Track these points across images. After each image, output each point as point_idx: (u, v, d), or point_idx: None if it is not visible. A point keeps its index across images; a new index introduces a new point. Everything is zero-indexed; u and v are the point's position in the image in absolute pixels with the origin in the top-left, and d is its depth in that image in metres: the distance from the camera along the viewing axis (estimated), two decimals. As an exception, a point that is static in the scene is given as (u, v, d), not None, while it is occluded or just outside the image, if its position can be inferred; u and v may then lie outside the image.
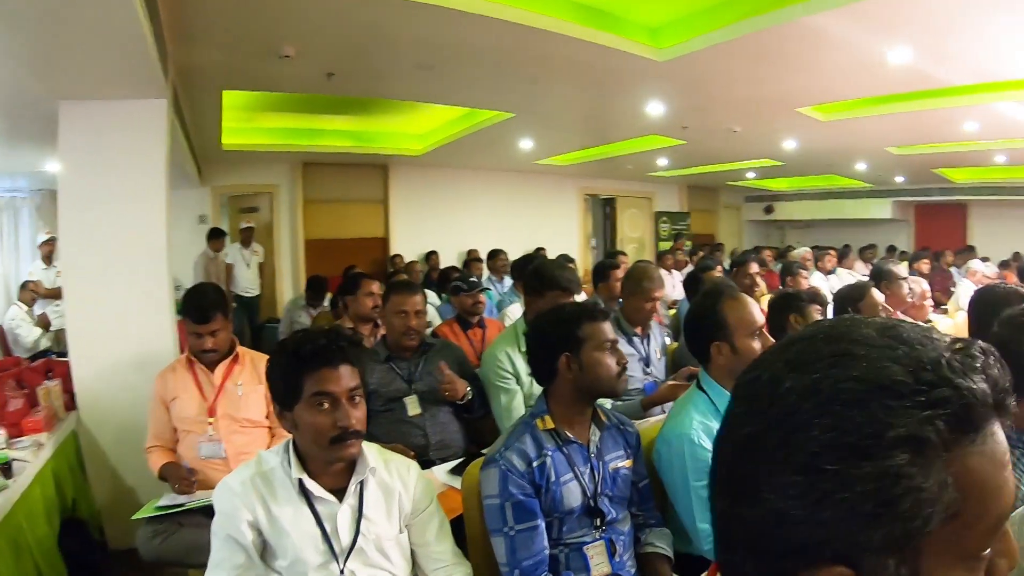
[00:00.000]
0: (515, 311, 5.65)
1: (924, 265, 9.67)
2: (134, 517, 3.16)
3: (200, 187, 10.10)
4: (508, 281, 8.37)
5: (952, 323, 6.63)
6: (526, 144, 10.06)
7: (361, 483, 2.07)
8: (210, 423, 3.46)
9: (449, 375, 3.51)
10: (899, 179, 14.92)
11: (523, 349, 3.36)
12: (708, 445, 2.41)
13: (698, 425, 2.49)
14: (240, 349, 3.65)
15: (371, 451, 2.13)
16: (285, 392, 2.01)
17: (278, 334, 7.75)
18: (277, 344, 2.15)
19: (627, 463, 2.44)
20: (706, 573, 0.88)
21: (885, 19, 4.79)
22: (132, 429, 3.95)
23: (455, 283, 5.23)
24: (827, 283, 8.26)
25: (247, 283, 9.88)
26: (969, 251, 12.51)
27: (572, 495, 2.26)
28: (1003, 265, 10.02)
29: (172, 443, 3.53)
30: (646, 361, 4.04)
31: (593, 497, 2.29)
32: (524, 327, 3.55)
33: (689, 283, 4.98)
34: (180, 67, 5.15)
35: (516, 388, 3.57)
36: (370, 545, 2.05)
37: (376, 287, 4.69)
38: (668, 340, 4.72)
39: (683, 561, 2.47)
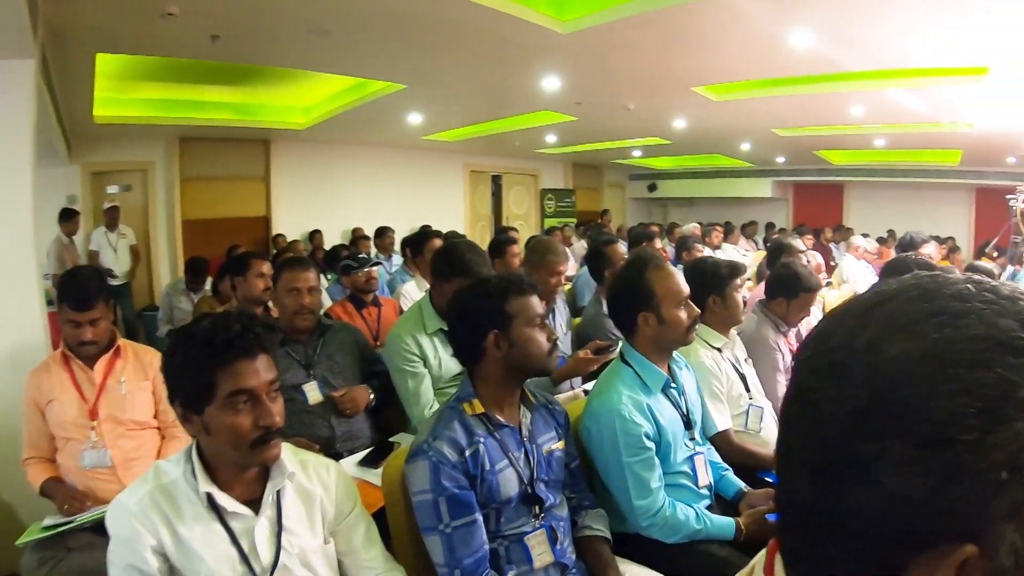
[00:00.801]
0: (411, 290, 5.52)
1: (807, 241, 10.00)
2: (18, 543, 2.79)
3: (69, 165, 9.22)
4: (397, 259, 8.19)
5: (838, 294, 7.06)
6: (415, 118, 9.82)
7: (278, 492, 1.86)
8: (92, 428, 3.07)
9: (346, 394, 3.34)
10: (780, 160, 15.61)
11: (429, 330, 3.37)
12: (639, 419, 2.45)
13: (627, 400, 2.48)
14: (121, 341, 3.27)
15: (286, 452, 1.90)
16: (194, 393, 1.75)
17: (158, 322, 7.26)
18: (177, 334, 1.84)
19: (559, 444, 2.36)
20: (763, 552, 0.80)
21: (791, 1, 4.83)
22: (3, 439, 3.51)
23: (345, 262, 5.08)
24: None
25: (115, 269, 8.84)
26: (847, 230, 13.46)
27: (508, 483, 2.16)
28: (880, 241, 11.08)
29: (51, 452, 3.13)
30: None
31: (530, 483, 2.21)
32: (429, 307, 3.49)
33: (592, 257, 4.85)
34: (51, 26, 4.63)
35: (423, 371, 3.40)
36: (294, 560, 1.84)
37: (267, 267, 4.41)
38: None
39: (618, 540, 2.44)
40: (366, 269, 4.80)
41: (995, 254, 8.80)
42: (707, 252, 8.41)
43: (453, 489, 2.03)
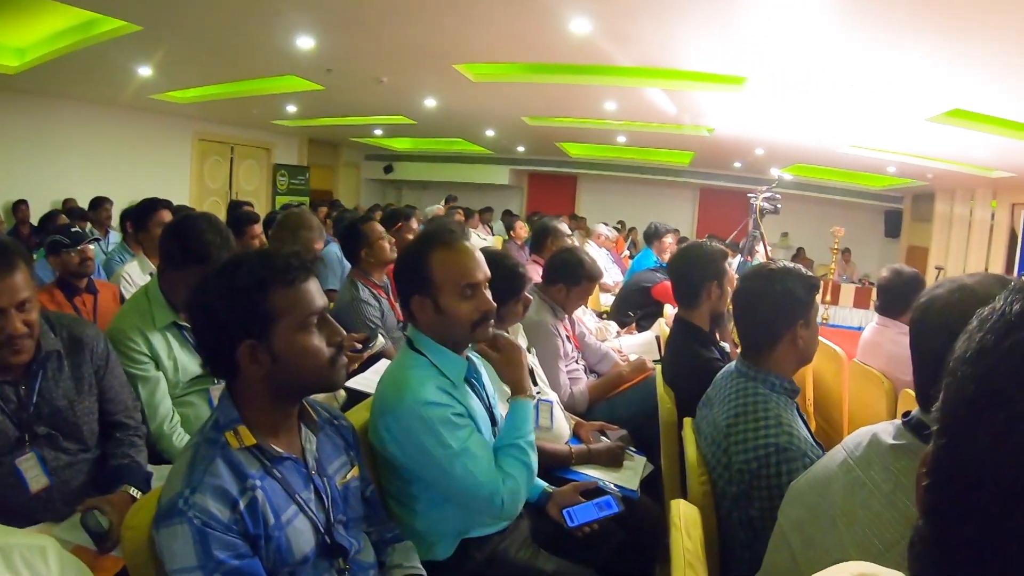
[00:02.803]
0: (133, 271, 4.81)
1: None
2: None
3: None
4: (115, 236, 7.39)
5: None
6: (145, 71, 8.92)
7: None
8: None
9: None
10: (520, 148, 16.24)
11: (159, 324, 2.75)
12: (448, 400, 2.08)
13: (430, 383, 2.09)
14: None
15: None
16: None
17: None
18: None
19: (354, 471, 1.89)
20: None
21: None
22: None
23: (53, 238, 4.15)
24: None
25: None
26: (581, 219, 14.22)
27: (302, 536, 1.65)
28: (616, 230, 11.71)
29: None
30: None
31: (327, 530, 1.71)
32: (158, 295, 2.84)
33: (347, 236, 4.55)
34: None
35: (157, 375, 2.73)
36: None
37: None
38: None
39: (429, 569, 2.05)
40: (80, 247, 4.00)
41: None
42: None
43: (230, 561, 1.49)
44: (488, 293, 2.22)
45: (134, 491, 2.26)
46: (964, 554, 0.56)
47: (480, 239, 10.56)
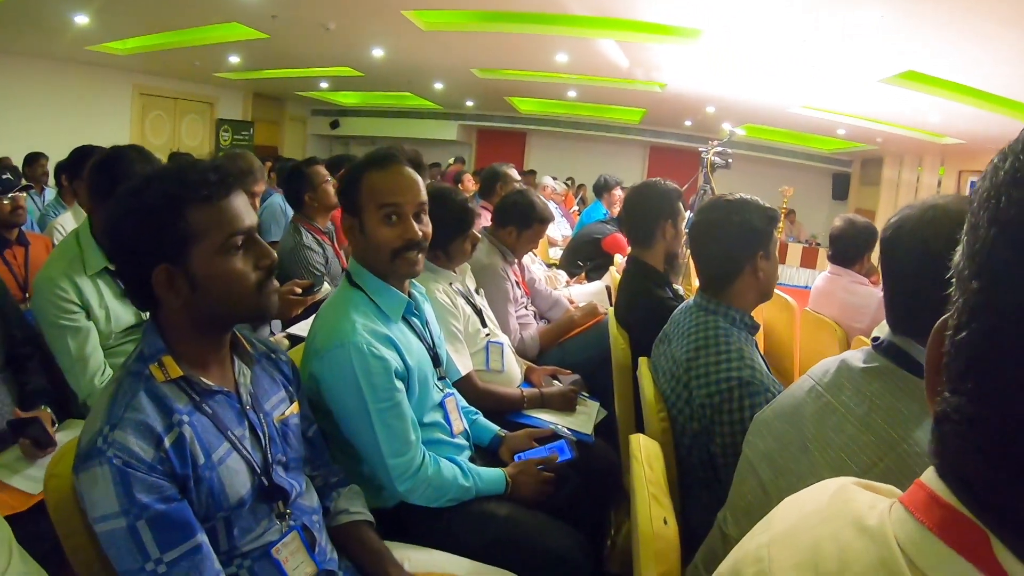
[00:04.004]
0: (66, 222, 4.66)
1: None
2: None
3: None
4: (49, 193, 7.12)
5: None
6: (81, 19, 8.55)
7: None
8: None
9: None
10: (469, 103, 16.11)
11: (90, 270, 2.58)
12: (383, 351, 1.97)
13: (363, 329, 1.97)
14: None
15: None
16: None
17: None
18: None
19: (294, 408, 1.76)
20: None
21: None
22: None
23: None
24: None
25: None
26: (532, 173, 13.96)
27: (236, 477, 1.52)
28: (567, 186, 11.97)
29: None
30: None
31: (264, 471, 1.58)
32: (89, 239, 2.65)
33: (291, 180, 4.40)
34: None
35: (87, 325, 2.58)
36: None
37: None
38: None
39: (378, 519, 1.92)
40: (11, 194, 3.76)
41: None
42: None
43: (156, 505, 1.35)
44: (420, 224, 2.09)
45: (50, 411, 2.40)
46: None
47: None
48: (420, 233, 2.07)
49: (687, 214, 3.45)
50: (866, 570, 0.56)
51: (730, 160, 6.96)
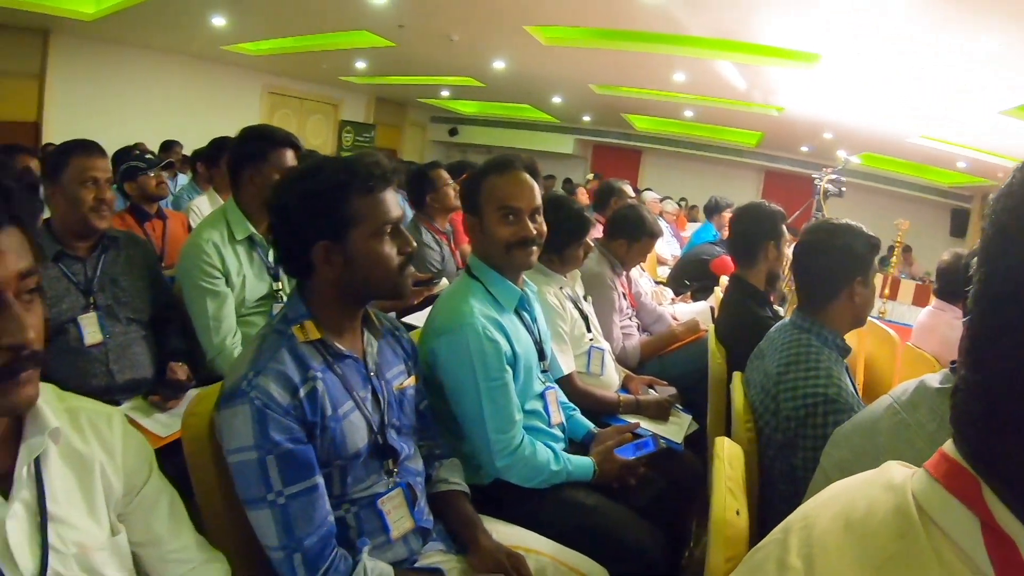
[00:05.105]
0: (202, 204, 5.02)
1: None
2: None
3: None
4: (182, 179, 7.54)
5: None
6: (219, 21, 9.04)
7: (37, 459, 1.24)
8: None
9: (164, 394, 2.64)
10: (586, 118, 16.13)
11: (238, 236, 2.85)
12: (496, 335, 2.17)
13: (480, 314, 2.17)
14: None
15: (48, 396, 1.26)
16: None
17: None
18: None
19: (411, 380, 1.95)
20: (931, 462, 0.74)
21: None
22: None
23: (130, 164, 4.29)
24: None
25: None
26: (647, 191, 13.88)
27: (356, 432, 1.71)
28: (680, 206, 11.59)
29: None
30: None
31: (380, 431, 1.78)
32: (236, 211, 2.92)
33: (414, 181, 4.61)
34: None
35: (226, 291, 2.82)
36: (70, 564, 1.23)
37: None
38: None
39: (473, 493, 2.08)
40: (155, 171, 4.21)
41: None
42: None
43: (286, 444, 1.56)
44: (534, 224, 2.30)
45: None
46: (1001, 387, 0.61)
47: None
48: (534, 231, 2.28)
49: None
50: (885, 515, 0.69)
51: (843, 188, 6.88)
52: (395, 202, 1.77)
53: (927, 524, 0.66)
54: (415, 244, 1.83)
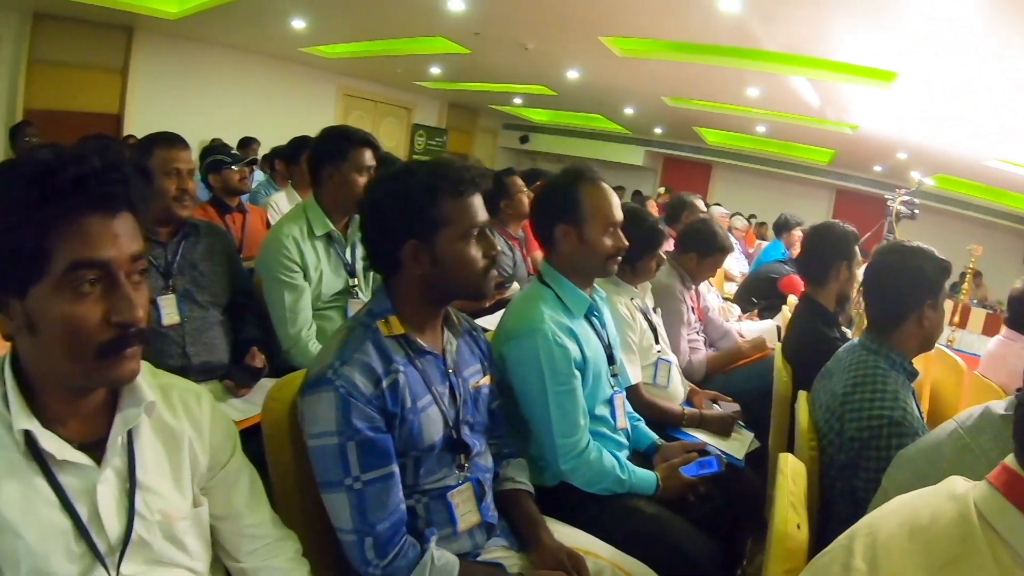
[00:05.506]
0: (280, 200, 5.18)
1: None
2: None
3: None
4: (259, 175, 7.71)
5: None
6: (298, 24, 9.23)
7: (130, 430, 1.31)
8: None
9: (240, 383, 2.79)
10: (658, 130, 16.03)
11: (317, 233, 2.98)
12: (565, 341, 2.22)
13: (550, 320, 2.22)
14: None
15: (143, 373, 1.32)
16: (13, 261, 1.13)
17: None
18: None
19: (487, 380, 2.02)
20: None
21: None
22: None
23: (216, 157, 4.48)
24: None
25: None
26: (716, 206, 13.76)
27: (433, 425, 1.78)
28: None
29: None
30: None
31: (455, 426, 1.84)
32: (316, 208, 3.04)
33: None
34: None
35: (303, 284, 2.95)
36: (154, 531, 1.31)
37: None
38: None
39: (536, 494, 2.13)
40: (239, 166, 4.37)
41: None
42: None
43: (367, 431, 1.63)
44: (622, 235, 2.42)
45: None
46: None
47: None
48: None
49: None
50: (948, 522, 0.75)
51: (916, 211, 6.74)
52: (481, 207, 1.84)
53: (986, 530, 0.71)
54: (499, 248, 1.92)
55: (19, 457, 1.18)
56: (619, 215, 2.42)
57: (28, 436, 1.18)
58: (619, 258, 2.45)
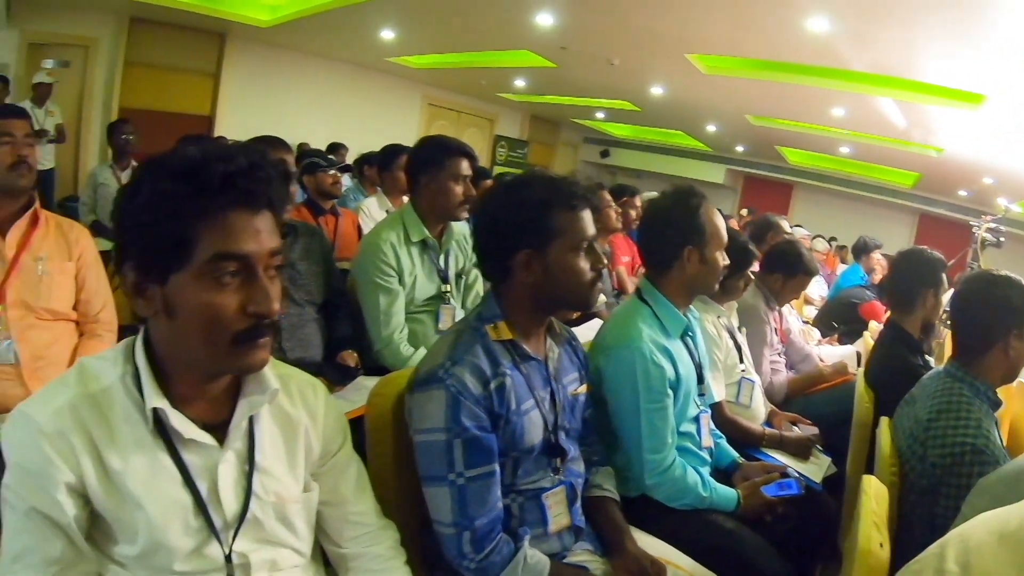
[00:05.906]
0: (371, 206, 5.38)
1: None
2: None
3: (6, 28, 8.44)
4: (346, 180, 7.91)
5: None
6: (388, 35, 9.45)
7: (252, 416, 1.40)
8: None
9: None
10: (740, 148, 15.91)
11: (413, 239, 3.06)
12: (661, 361, 2.26)
13: (648, 339, 2.26)
14: (41, 210, 2.65)
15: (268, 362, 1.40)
16: (158, 249, 1.21)
17: (80, 207, 6.25)
18: (149, 164, 1.26)
19: (584, 388, 2.09)
20: None
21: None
22: None
23: (311, 160, 4.66)
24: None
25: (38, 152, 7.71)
26: (798, 227, 13.55)
27: (534, 428, 1.85)
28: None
29: None
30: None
31: (553, 431, 1.91)
32: (413, 214, 3.12)
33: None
34: None
35: (398, 288, 3.03)
36: (267, 511, 1.40)
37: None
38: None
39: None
40: (333, 171, 4.55)
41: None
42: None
43: (474, 430, 1.69)
44: None
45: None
46: None
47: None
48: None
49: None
50: None
51: (1003, 239, 6.56)
52: (590, 222, 1.90)
53: None
54: (605, 262, 1.97)
55: (147, 434, 1.27)
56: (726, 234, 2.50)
57: (157, 414, 1.27)
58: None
